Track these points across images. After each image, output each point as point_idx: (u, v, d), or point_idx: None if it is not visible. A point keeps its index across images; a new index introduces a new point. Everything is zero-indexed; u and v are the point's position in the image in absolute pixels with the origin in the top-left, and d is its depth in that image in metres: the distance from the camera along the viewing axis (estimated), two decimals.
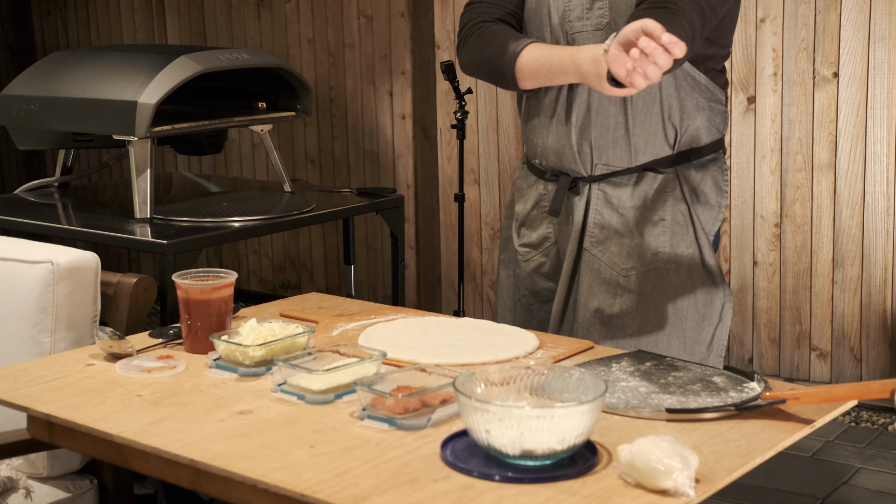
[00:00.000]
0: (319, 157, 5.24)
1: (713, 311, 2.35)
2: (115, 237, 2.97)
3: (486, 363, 2.00)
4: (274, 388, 1.86)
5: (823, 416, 1.74)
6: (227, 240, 3.12)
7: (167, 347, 2.13)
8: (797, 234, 4.12)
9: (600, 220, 2.33)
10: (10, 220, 3.17)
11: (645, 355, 2.02)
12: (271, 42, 5.27)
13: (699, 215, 2.33)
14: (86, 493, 2.39)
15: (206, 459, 1.60)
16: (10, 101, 3.32)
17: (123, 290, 2.45)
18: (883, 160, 3.94)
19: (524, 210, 2.48)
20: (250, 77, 3.47)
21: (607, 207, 2.32)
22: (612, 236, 2.32)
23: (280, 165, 3.49)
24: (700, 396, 1.81)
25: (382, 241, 5.09)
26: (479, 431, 1.54)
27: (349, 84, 5.08)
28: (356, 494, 1.47)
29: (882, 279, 4.00)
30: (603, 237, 2.33)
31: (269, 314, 2.35)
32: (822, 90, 4.00)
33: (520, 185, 2.51)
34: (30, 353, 2.34)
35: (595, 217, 2.33)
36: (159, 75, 3.03)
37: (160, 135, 3.08)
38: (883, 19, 3.86)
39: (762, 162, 4.14)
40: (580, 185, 2.34)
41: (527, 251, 2.47)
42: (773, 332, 4.22)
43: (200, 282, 2.09)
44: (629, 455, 1.49)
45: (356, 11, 5.00)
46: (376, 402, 1.73)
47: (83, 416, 1.78)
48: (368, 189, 3.52)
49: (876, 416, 4.01)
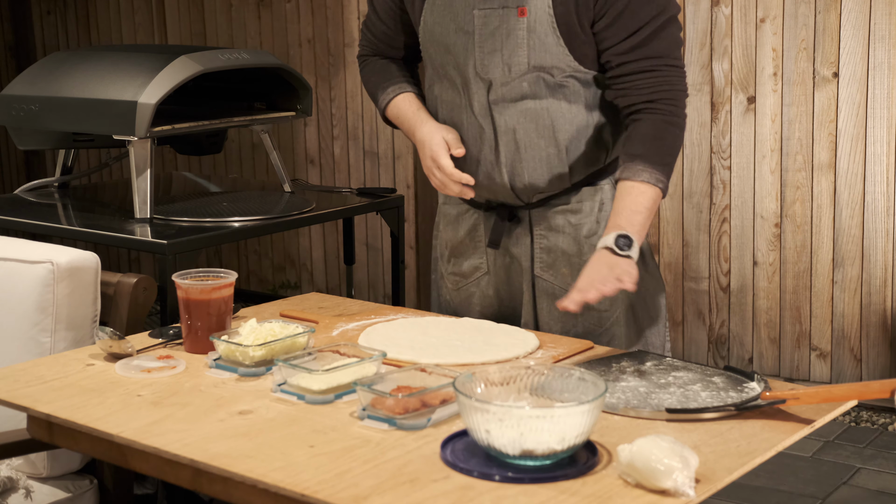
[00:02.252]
0: (319, 157, 5.24)
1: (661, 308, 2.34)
2: (115, 237, 2.97)
3: (486, 363, 2.00)
4: (274, 388, 1.86)
5: (823, 416, 1.74)
6: (227, 240, 3.11)
7: (167, 347, 2.13)
8: (797, 234, 4.12)
9: (546, 245, 2.28)
10: (10, 220, 3.17)
11: (645, 355, 2.02)
12: (271, 42, 5.27)
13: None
14: (86, 493, 2.39)
15: (206, 459, 1.60)
16: (10, 101, 3.32)
17: (123, 290, 2.45)
18: (883, 160, 3.94)
19: (454, 238, 2.40)
20: (250, 77, 3.46)
21: (551, 231, 2.27)
22: (559, 258, 2.28)
23: (280, 165, 3.49)
24: (700, 396, 1.81)
25: (382, 241, 5.09)
26: (479, 431, 1.54)
27: (349, 84, 5.08)
28: (356, 494, 1.47)
29: (882, 279, 4.00)
30: (551, 261, 2.28)
31: (269, 314, 2.35)
32: (822, 90, 4.00)
33: (447, 212, 2.42)
34: (30, 353, 2.34)
35: (540, 242, 2.28)
36: (159, 75, 3.03)
37: (160, 135, 3.08)
38: (883, 19, 3.86)
39: (762, 162, 4.14)
40: (518, 212, 2.29)
41: (457, 280, 2.41)
42: (773, 332, 4.22)
43: (200, 282, 2.09)
44: (629, 455, 1.49)
45: (356, 11, 5.00)
46: (376, 402, 1.73)
47: (83, 416, 1.78)
48: (368, 189, 3.52)
49: (876, 416, 4.01)
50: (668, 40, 2.13)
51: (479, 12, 2.16)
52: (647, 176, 2.07)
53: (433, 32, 2.24)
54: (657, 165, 2.08)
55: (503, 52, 2.16)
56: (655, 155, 2.09)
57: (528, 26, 2.13)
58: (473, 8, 2.17)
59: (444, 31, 2.22)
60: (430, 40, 2.25)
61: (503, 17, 2.14)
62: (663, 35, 2.12)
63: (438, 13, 2.22)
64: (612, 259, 1.98)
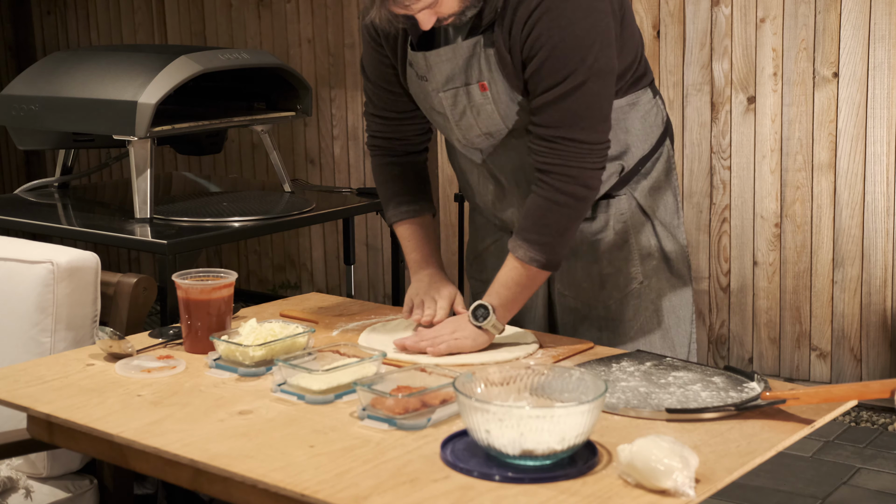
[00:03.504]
0: (319, 157, 5.24)
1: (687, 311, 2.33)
2: (115, 237, 2.97)
3: (486, 363, 2.00)
4: (274, 388, 1.86)
5: (823, 416, 1.74)
6: (227, 240, 3.11)
7: (167, 347, 2.13)
8: (797, 234, 4.12)
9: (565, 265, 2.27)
10: (10, 220, 3.17)
11: (645, 355, 2.02)
12: (271, 42, 5.27)
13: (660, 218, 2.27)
14: (86, 493, 2.39)
15: (206, 459, 1.60)
16: (10, 101, 3.32)
17: (123, 290, 2.45)
18: (883, 160, 3.94)
19: (479, 246, 2.43)
20: (250, 77, 3.46)
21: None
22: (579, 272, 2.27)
23: (280, 165, 3.49)
24: (700, 396, 1.81)
25: (382, 241, 5.09)
26: (479, 431, 1.54)
27: (349, 84, 5.08)
28: (356, 494, 1.47)
29: (882, 279, 4.00)
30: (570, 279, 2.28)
31: (269, 314, 2.35)
32: (822, 90, 4.00)
33: (474, 218, 2.44)
34: (30, 353, 2.34)
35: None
36: (159, 75, 3.03)
37: (160, 135, 3.08)
38: (883, 19, 3.86)
39: (762, 162, 4.14)
40: None
41: (478, 285, 2.43)
42: (773, 332, 4.22)
43: (200, 282, 2.09)
44: (629, 455, 1.49)
45: (356, 11, 5.00)
46: (376, 402, 1.73)
47: (83, 416, 1.78)
48: (368, 189, 3.52)
49: (876, 416, 4.01)
50: (570, 110, 2.01)
51: (444, 94, 2.13)
52: (522, 253, 2.06)
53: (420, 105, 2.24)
54: (533, 244, 2.05)
55: (479, 126, 2.15)
56: (533, 233, 2.06)
57: (494, 98, 2.09)
58: (438, 91, 2.14)
59: (424, 108, 2.23)
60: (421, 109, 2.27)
61: (468, 93, 2.11)
62: (567, 103, 2.00)
63: (415, 92, 2.21)
64: (463, 324, 2.08)
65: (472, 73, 2.08)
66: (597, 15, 2.01)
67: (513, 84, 2.07)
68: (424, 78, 2.14)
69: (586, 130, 2.03)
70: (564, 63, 1.99)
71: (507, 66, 2.05)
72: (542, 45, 1.99)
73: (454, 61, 2.08)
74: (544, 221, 2.06)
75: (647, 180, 2.26)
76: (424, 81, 2.15)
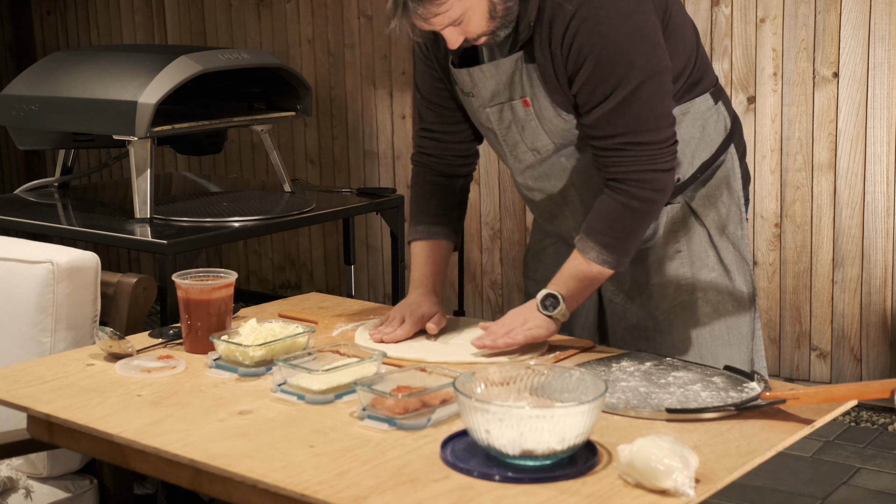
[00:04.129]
0: (319, 157, 5.24)
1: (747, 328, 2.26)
2: (115, 237, 2.97)
3: (486, 363, 2.00)
4: (274, 388, 1.86)
5: (823, 416, 1.74)
6: (227, 240, 3.12)
7: (167, 347, 2.13)
8: (797, 234, 4.12)
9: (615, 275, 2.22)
10: (10, 220, 3.17)
11: (645, 355, 2.02)
12: (271, 42, 5.27)
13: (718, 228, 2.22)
14: (86, 493, 2.39)
15: (206, 459, 1.60)
16: (10, 101, 3.32)
17: (123, 290, 2.45)
18: (883, 160, 3.94)
19: (538, 246, 2.43)
20: (250, 77, 3.46)
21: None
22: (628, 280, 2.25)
23: (280, 165, 3.49)
24: (700, 396, 1.81)
25: (382, 241, 5.09)
26: (479, 431, 1.54)
27: (349, 84, 5.08)
28: (356, 494, 1.47)
29: (882, 279, 4.00)
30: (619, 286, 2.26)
31: (269, 314, 2.35)
32: (822, 90, 4.00)
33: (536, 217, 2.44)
34: (30, 353, 2.34)
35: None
36: (159, 75, 3.03)
37: (160, 135, 3.08)
38: (883, 19, 3.86)
39: (762, 162, 4.14)
40: None
41: (535, 285, 2.40)
42: (773, 332, 4.22)
43: (200, 282, 2.09)
44: (629, 455, 1.49)
45: (356, 11, 5.00)
46: (376, 402, 1.73)
47: (83, 416, 1.78)
48: (368, 189, 3.52)
49: (876, 416, 4.01)
50: (631, 115, 1.98)
51: (490, 110, 2.14)
52: (594, 255, 2.05)
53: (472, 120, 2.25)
54: (607, 247, 2.05)
55: (525, 142, 2.15)
56: (607, 237, 2.05)
57: (537, 114, 2.09)
58: (484, 107, 2.14)
59: (476, 123, 2.24)
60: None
61: (512, 109, 2.11)
62: (625, 110, 1.98)
63: (466, 107, 2.22)
64: (533, 314, 2.06)
65: (515, 89, 2.08)
66: (637, 16, 1.98)
67: (556, 100, 2.05)
68: (471, 94, 2.15)
69: (652, 131, 2.00)
70: (612, 70, 1.96)
71: (549, 81, 2.03)
72: (585, 56, 1.96)
73: (498, 77, 2.08)
74: (619, 225, 2.05)
75: (704, 188, 2.21)
76: (471, 97, 2.15)
